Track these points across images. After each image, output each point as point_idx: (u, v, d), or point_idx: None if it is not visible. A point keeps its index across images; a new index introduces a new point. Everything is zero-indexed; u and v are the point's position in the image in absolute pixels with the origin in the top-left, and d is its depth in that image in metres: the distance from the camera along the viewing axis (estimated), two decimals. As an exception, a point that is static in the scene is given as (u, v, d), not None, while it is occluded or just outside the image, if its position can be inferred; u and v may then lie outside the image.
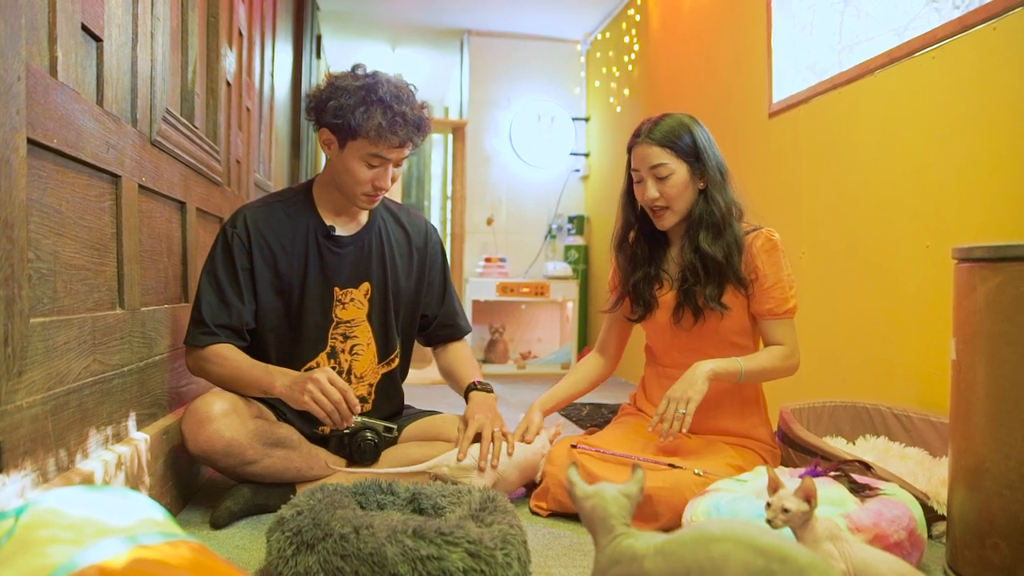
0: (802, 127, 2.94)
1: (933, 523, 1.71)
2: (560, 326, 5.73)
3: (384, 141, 1.84)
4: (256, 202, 2.02)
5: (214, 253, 1.93)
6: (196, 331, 1.88)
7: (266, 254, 1.94)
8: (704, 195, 1.95)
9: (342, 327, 2.02)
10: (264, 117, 3.59)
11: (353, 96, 1.83)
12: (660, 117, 1.98)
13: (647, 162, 1.93)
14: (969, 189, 2.10)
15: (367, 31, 5.96)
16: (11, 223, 1.09)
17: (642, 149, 1.95)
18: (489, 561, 1.26)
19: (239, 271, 1.91)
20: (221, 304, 1.89)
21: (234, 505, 1.80)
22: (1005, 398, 1.35)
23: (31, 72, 1.14)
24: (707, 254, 1.91)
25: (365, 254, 2.03)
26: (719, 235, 1.93)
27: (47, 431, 1.23)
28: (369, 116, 1.82)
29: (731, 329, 1.97)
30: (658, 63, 4.52)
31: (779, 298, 1.92)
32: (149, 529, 0.75)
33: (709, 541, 0.97)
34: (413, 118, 1.87)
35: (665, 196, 1.93)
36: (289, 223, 1.97)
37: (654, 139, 1.94)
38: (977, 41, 2.08)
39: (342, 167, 1.90)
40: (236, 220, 1.94)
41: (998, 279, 1.37)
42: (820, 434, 2.28)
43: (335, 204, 2.01)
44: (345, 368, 2.04)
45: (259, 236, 1.93)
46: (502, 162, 5.77)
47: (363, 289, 2.03)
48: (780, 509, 1.17)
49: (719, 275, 1.91)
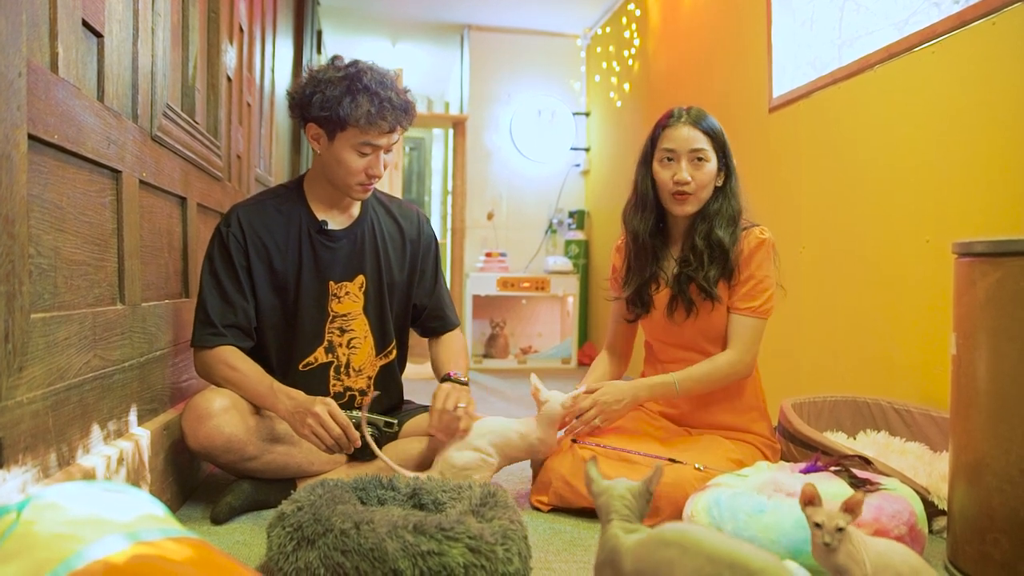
0: (802, 122, 2.94)
1: (934, 518, 1.71)
2: (561, 321, 5.74)
3: (374, 128, 1.84)
4: (247, 200, 2.02)
5: (212, 253, 1.92)
6: (204, 332, 1.87)
7: (261, 252, 1.93)
8: (723, 191, 1.96)
9: (338, 321, 2.02)
10: (265, 112, 3.59)
11: (338, 87, 1.82)
12: (689, 106, 2.00)
13: (689, 144, 1.93)
14: (969, 184, 2.10)
15: (367, 26, 5.95)
16: (12, 219, 1.09)
17: (684, 130, 1.94)
18: (490, 556, 1.27)
19: (238, 270, 1.90)
20: (226, 304, 1.89)
21: (235, 501, 1.81)
22: (1006, 393, 1.35)
23: (32, 68, 1.14)
24: (718, 240, 1.93)
25: (358, 247, 2.02)
26: (730, 225, 1.95)
27: (48, 427, 1.23)
28: (356, 105, 1.81)
29: (723, 323, 1.97)
30: (658, 58, 4.52)
31: (749, 294, 1.92)
32: (150, 525, 0.75)
33: (661, 545, 1.00)
34: (399, 103, 1.87)
35: (696, 181, 1.93)
36: (281, 220, 1.96)
37: (696, 122, 1.95)
38: (976, 36, 2.07)
39: (333, 160, 1.90)
40: (230, 219, 1.94)
41: (998, 274, 1.37)
42: (820, 429, 2.28)
43: (326, 198, 2.00)
44: (343, 362, 2.04)
45: (253, 234, 1.92)
46: (502, 157, 5.77)
47: (358, 282, 2.03)
48: (835, 529, 1.12)
49: (723, 261, 1.92)
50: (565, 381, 4.58)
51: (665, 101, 4.38)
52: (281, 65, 4.18)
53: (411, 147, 8.65)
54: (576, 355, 5.46)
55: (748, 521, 1.44)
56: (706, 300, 1.93)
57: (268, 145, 3.71)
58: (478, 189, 5.75)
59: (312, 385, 1.97)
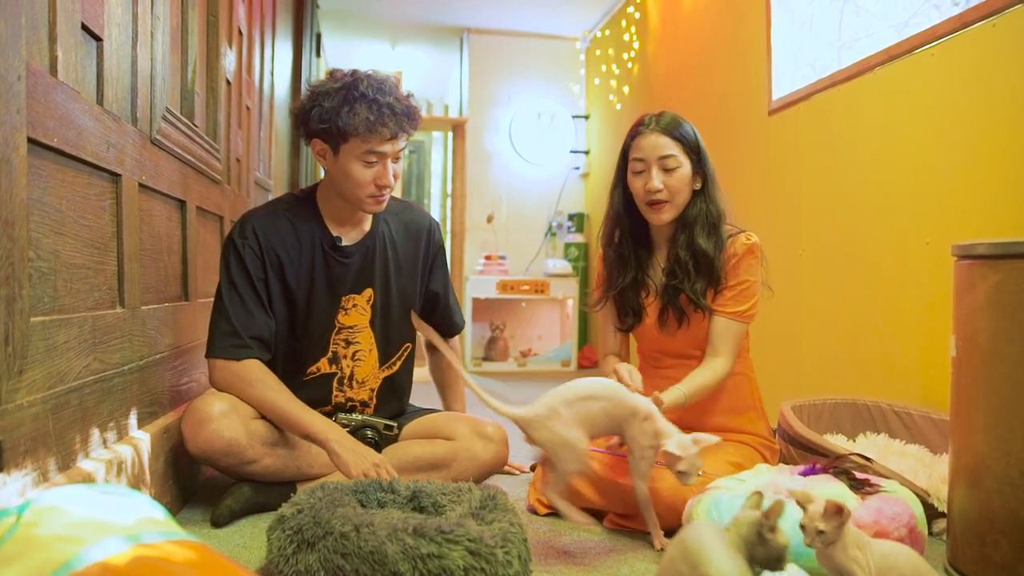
0: (802, 124, 2.94)
1: (933, 520, 1.71)
2: (560, 324, 5.73)
3: (375, 135, 1.81)
4: (261, 210, 1.99)
5: (228, 264, 1.89)
6: (227, 343, 1.85)
7: (275, 265, 1.92)
8: (702, 195, 1.94)
9: (344, 332, 2.01)
10: (264, 115, 3.59)
11: (335, 98, 1.80)
12: (661, 112, 1.96)
13: (656, 152, 1.90)
14: (969, 186, 2.10)
15: (367, 29, 5.95)
16: (11, 222, 1.09)
17: (651, 138, 1.91)
18: (489, 559, 1.26)
19: (256, 282, 1.89)
20: (248, 315, 1.87)
21: (234, 504, 1.80)
22: (1005, 395, 1.35)
23: (31, 71, 1.14)
24: (701, 250, 1.90)
25: (369, 260, 2.01)
26: (712, 233, 1.92)
27: (48, 430, 1.23)
28: (355, 114, 1.78)
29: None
30: (658, 60, 4.52)
31: (737, 299, 1.90)
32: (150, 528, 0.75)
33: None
34: (400, 108, 1.83)
35: (669, 188, 1.90)
36: (295, 234, 1.94)
37: (663, 129, 1.90)
38: (976, 38, 2.08)
39: (341, 174, 1.87)
40: (245, 230, 1.91)
41: (998, 276, 1.37)
42: (821, 431, 2.28)
43: (339, 214, 1.98)
44: (347, 374, 2.04)
45: (269, 247, 1.90)
46: (502, 160, 5.77)
47: (366, 295, 2.02)
48: (815, 532, 1.13)
49: (709, 271, 1.91)
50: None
51: (664, 104, 4.37)
52: (280, 68, 4.18)
53: (411, 150, 8.66)
54: (576, 358, 5.45)
55: (748, 523, 1.44)
56: (696, 311, 1.93)
57: (267, 148, 3.72)
58: (478, 192, 5.75)
59: (314, 395, 1.98)
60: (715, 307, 1.92)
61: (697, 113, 3.86)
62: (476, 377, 1.72)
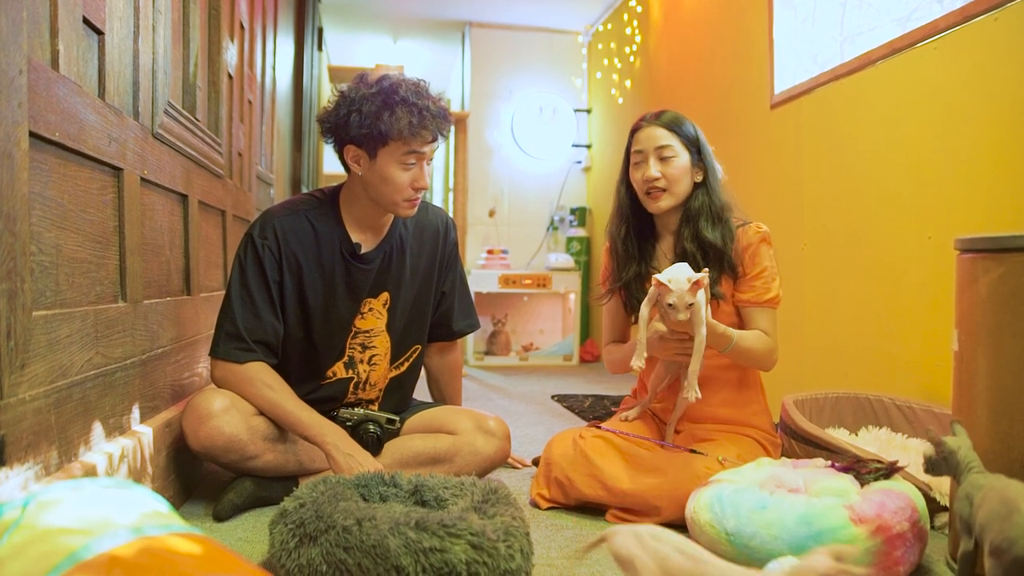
0: (804, 118, 2.93)
1: (935, 514, 1.71)
2: (562, 318, 5.73)
3: (417, 138, 1.82)
4: (283, 210, 1.95)
5: (244, 263, 1.88)
6: (231, 345, 1.85)
7: (293, 267, 1.91)
8: (704, 188, 1.98)
9: (360, 337, 2.02)
10: (266, 110, 3.59)
11: (374, 103, 1.80)
12: (663, 110, 2.01)
13: (653, 142, 1.96)
14: (971, 180, 2.10)
15: (368, 23, 5.94)
16: (13, 216, 1.09)
17: (649, 130, 1.98)
18: (492, 553, 1.27)
19: (271, 284, 1.88)
20: (256, 319, 1.87)
21: (237, 498, 1.81)
22: (1007, 389, 1.35)
23: (33, 66, 1.14)
24: (708, 241, 1.94)
25: (387, 265, 2.01)
26: (718, 224, 1.96)
27: (50, 424, 1.23)
28: (396, 118, 1.79)
29: (727, 320, 1.97)
30: (660, 54, 4.51)
31: (761, 287, 1.94)
32: (154, 521, 0.75)
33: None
34: (437, 110, 1.85)
35: (666, 177, 1.95)
36: (315, 237, 1.92)
37: (661, 122, 1.98)
38: (979, 32, 2.07)
39: (378, 178, 1.86)
40: (266, 230, 1.89)
41: (1000, 270, 1.37)
42: (822, 425, 2.28)
43: (362, 219, 1.97)
44: (363, 379, 2.04)
45: (288, 249, 1.89)
46: (504, 154, 5.77)
47: (382, 299, 2.02)
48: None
49: (718, 262, 1.93)
50: (566, 379, 4.59)
51: (667, 97, 4.37)
52: (282, 62, 4.17)
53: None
54: (578, 352, 5.45)
55: (750, 517, 1.45)
56: (711, 299, 1.93)
57: (269, 142, 3.71)
58: (479, 186, 5.75)
59: (330, 397, 2.00)
60: (747, 300, 1.93)
61: (699, 107, 3.86)
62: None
